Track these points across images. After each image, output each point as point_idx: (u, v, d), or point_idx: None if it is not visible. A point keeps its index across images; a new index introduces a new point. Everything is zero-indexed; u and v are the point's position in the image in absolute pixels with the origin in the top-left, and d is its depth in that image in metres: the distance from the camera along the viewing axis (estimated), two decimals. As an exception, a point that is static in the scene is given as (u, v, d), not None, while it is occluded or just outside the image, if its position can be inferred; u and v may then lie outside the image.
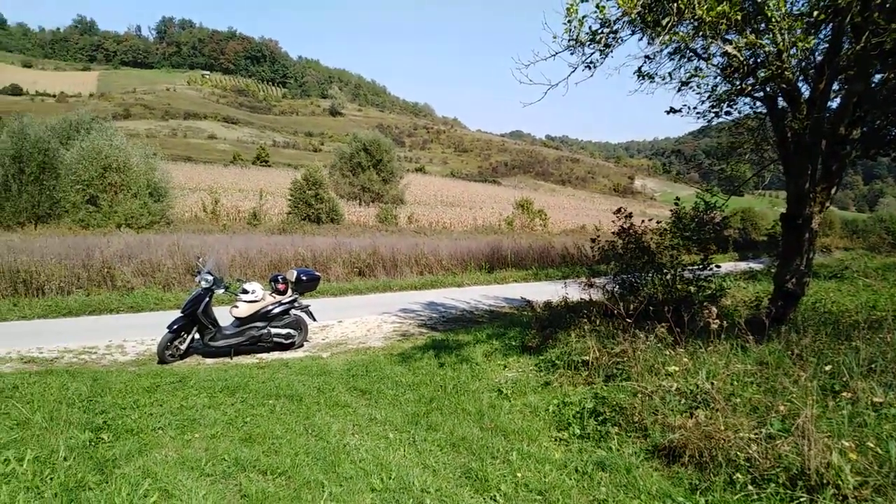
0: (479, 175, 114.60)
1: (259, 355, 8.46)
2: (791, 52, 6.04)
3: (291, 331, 8.73)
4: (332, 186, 39.66)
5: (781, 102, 7.30)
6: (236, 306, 8.41)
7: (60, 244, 14.09)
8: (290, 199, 34.59)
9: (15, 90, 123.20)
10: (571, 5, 5.70)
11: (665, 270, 8.05)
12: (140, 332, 9.31)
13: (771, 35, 5.99)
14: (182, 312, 7.91)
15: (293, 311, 8.84)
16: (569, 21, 5.81)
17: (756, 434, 4.05)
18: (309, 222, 31.95)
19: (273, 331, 8.54)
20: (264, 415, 5.32)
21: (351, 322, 10.93)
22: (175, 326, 7.80)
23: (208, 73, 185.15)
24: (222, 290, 8.26)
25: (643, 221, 9.14)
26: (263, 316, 8.50)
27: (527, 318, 9.73)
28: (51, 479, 3.66)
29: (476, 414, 5.52)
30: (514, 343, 8.05)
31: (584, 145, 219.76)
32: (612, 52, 6.61)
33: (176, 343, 7.88)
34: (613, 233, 8.67)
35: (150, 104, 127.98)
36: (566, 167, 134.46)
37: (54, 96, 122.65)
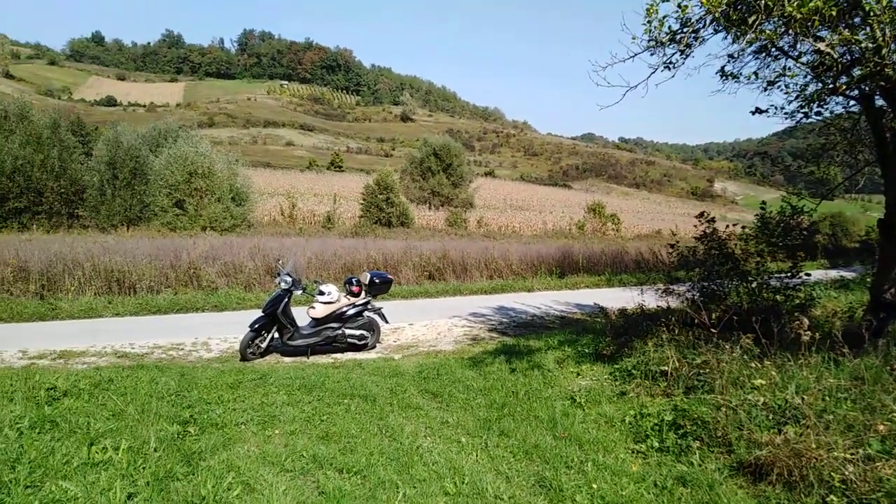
0: (550, 179, 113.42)
1: (334, 355, 8.68)
2: (892, 48, 5.63)
3: (365, 332, 8.91)
4: (402, 191, 40.25)
5: (879, 101, 6.83)
6: (313, 307, 8.66)
7: (150, 245, 14.95)
8: (362, 204, 35.35)
9: (110, 101, 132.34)
10: (652, 5, 5.56)
11: (750, 278, 7.68)
12: (223, 330, 9.75)
13: (869, 30, 5.61)
14: (263, 312, 8.22)
15: (366, 313, 9.02)
16: (649, 21, 5.67)
17: (852, 454, 3.79)
18: (380, 226, 32.54)
19: (347, 332, 8.74)
20: (340, 414, 5.45)
21: (422, 325, 11.03)
22: (256, 325, 8.12)
23: (286, 82, 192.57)
24: (300, 292, 8.53)
25: (727, 226, 8.76)
26: (338, 317, 8.71)
27: (600, 325, 9.53)
28: (143, 468, 3.88)
29: (549, 422, 5.44)
30: (587, 350, 7.89)
31: (659, 147, 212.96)
32: (693, 52, 6.38)
33: (257, 341, 8.21)
34: (694, 238, 8.35)
35: (233, 113, 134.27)
36: (640, 170, 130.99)
37: (145, 106, 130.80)
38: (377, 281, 9.07)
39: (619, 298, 11.45)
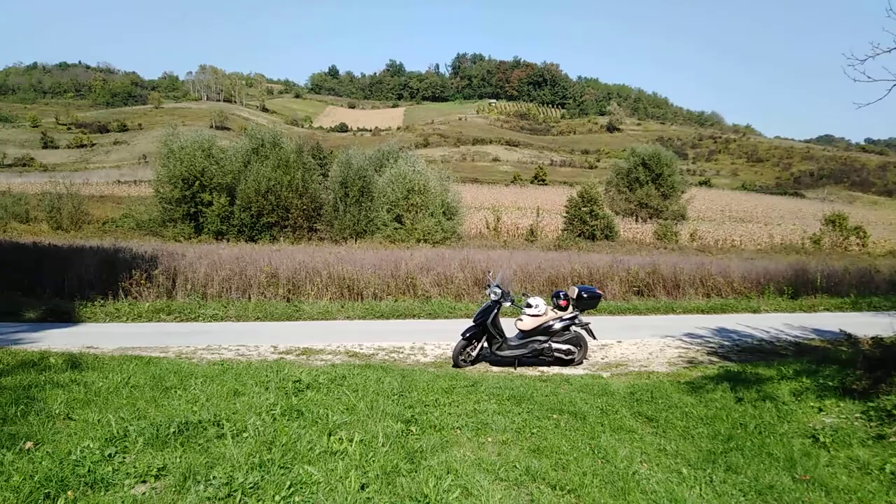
0: (777, 187, 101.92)
1: (540, 368, 8.68)
2: None
3: (572, 347, 8.77)
4: (607, 203, 39.19)
5: None
6: (520, 319, 8.77)
7: (374, 256, 16.42)
8: (565, 216, 35.09)
9: (342, 127, 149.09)
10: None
11: None
12: (437, 337, 10.31)
13: None
14: (473, 322, 8.52)
15: (574, 328, 8.87)
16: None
17: None
18: (583, 239, 31.97)
19: (554, 346, 8.68)
20: (550, 428, 5.41)
21: (631, 343, 10.55)
22: (468, 334, 8.45)
23: (494, 101, 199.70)
24: (509, 304, 8.68)
25: None
26: (545, 330, 8.70)
27: (846, 355, 8.22)
28: (373, 460, 4.23)
29: (786, 461, 4.82)
30: (830, 383, 6.85)
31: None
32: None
33: (468, 350, 8.54)
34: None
35: (445, 133, 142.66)
36: (893, 175, 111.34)
37: (371, 131, 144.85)
38: (585, 295, 8.89)
39: (869, 324, 9.84)
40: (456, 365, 8.42)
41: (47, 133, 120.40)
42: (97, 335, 9.91)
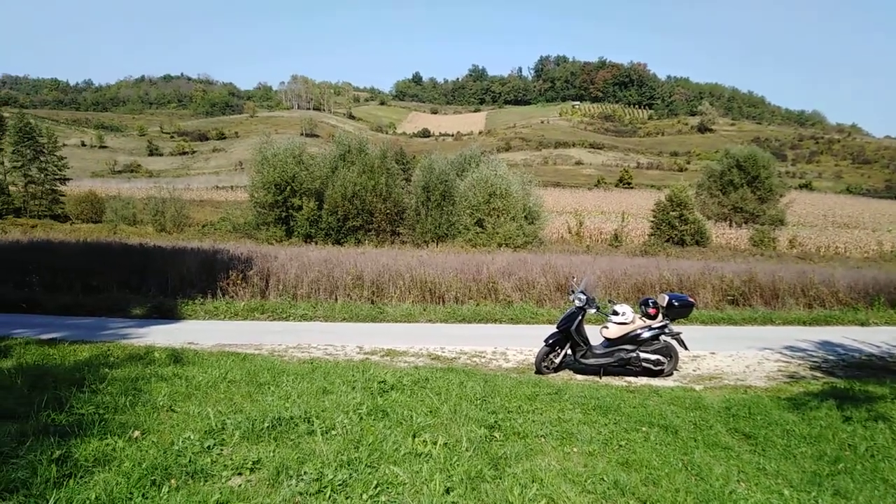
0: (888, 191, 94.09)
1: (627, 378, 8.40)
2: None
3: (661, 357, 8.44)
4: (697, 207, 37.60)
5: None
6: (606, 327, 8.53)
7: (456, 260, 16.48)
8: (652, 221, 33.97)
9: (425, 133, 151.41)
10: None
11: None
12: (519, 342, 10.21)
13: None
14: (557, 328, 8.38)
15: (663, 337, 8.53)
16: None
17: None
18: (672, 244, 30.84)
19: (642, 355, 8.38)
20: (639, 441, 5.21)
21: (725, 355, 10.02)
22: (551, 341, 8.32)
23: (578, 103, 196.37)
24: (594, 311, 8.47)
25: None
26: (633, 339, 8.42)
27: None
28: (457, 464, 4.21)
29: (905, 489, 4.41)
30: (957, 406, 6.23)
31: None
32: None
33: (551, 356, 8.40)
34: None
35: (527, 136, 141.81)
36: None
37: (453, 136, 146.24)
38: (676, 304, 8.53)
39: None
40: (539, 371, 8.30)
41: (153, 141, 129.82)
42: (197, 332, 10.52)
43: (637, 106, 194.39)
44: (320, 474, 3.75)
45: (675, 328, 8.77)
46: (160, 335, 10.00)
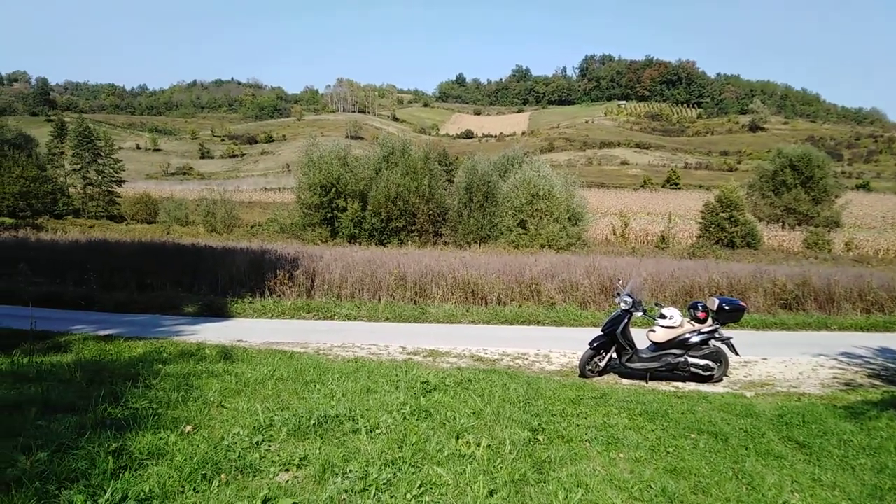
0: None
1: (675, 383, 8.22)
2: None
3: (710, 362, 8.22)
4: (748, 208, 36.50)
5: None
6: (653, 331, 8.36)
7: (498, 261, 16.41)
8: (700, 222, 33.18)
9: (468, 134, 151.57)
10: None
11: None
12: (562, 345, 10.11)
13: None
14: (602, 331, 8.26)
15: (712, 342, 8.31)
16: None
17: None
18: (721, 247, 30.02)
19: (690, 360, 8.18)
20: (687, 448, 5.09)
21: (778, 361, 9.69)
22: (595, 344, 8.20)
23: (624, 102, 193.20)
24: (640, 314, 8.32)
25: None
26: (681, 343, 8.23)
27: None
28: (500, 467, 4.19)
29: (977, 507, 4.17)
30: None
31: None
32: None
33: (595, 360, 8.28)
34: None
35: (571, 137, 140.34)
36: None
37: (495, 136, 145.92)
38: (727, 308, 8.30)
39: None
40: (583, 375, 8.19)
41: (204, 144, 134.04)
42: (246, 330, 10.79)
43: (685, 105, 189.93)
44: (365, 473, 3.79)
45: (726, 332, 8.54)
46: (211, 332, 10.30)
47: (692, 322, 8.41)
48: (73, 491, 3.15)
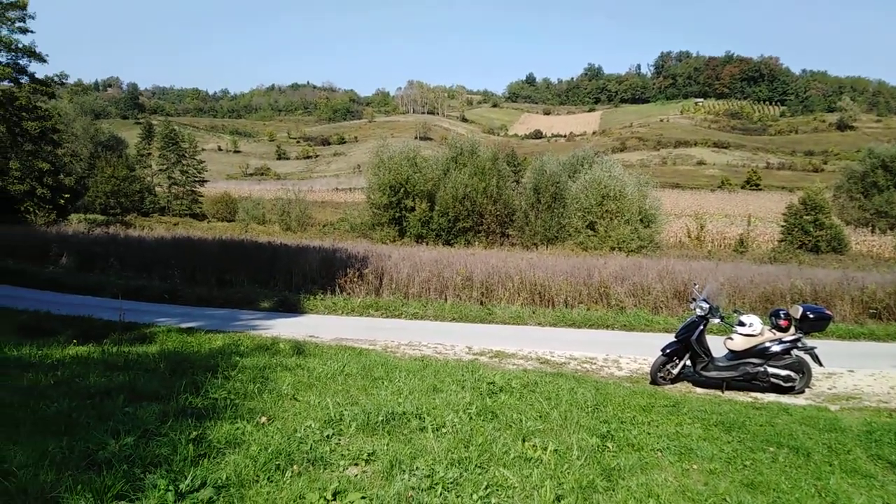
0: None
1: (753, 394, 7.85)
2: None
3: (792, 373, 7.80)
4: (835, 211, 34.45)
5: None
6: (731, 338, 8.03)
7: (566, 263, 16.19)
8: (782, 226, 31.60)
9: (536, 134, 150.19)
10: None
11: None
12: (632, 350, 9.86)
13: None
14: (675, 338, 8.00)
15: (795, 352, 7.89)
16: None
17: None
18: (804, 251, 28.45)
19: (770, 370, 7.79)
20: (766, 462, 4.85)
21: (866, 373, 9.08)
22: (668, 350, 7.95)
23: (701, 100, 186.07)
24: (717, 320, 8.01)
25: None
26: (760, 352, 7.85)
27: None
28: (568, 472, 4.13)
29: None
30: None
31: None
32: None
33: (668, 367, 8.02)
34: None
35: (644, 136, 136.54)
36: None
37: (565, 136, 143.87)
38: (811, 316, 7.86)
39: None
40: (654, 382, 7.96)
41: (281, 146, 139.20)
42: (317, 325, 11.12)
43: (768, 102, 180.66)
44: (432, 471, 3.82)
45: (809, 342, 8.09)
46: (284, 327, 10.68)
47: (773, 330, 8.01)
48: (157, 475, 3.33)
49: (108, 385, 5.33)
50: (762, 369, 7.77)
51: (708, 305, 7.90)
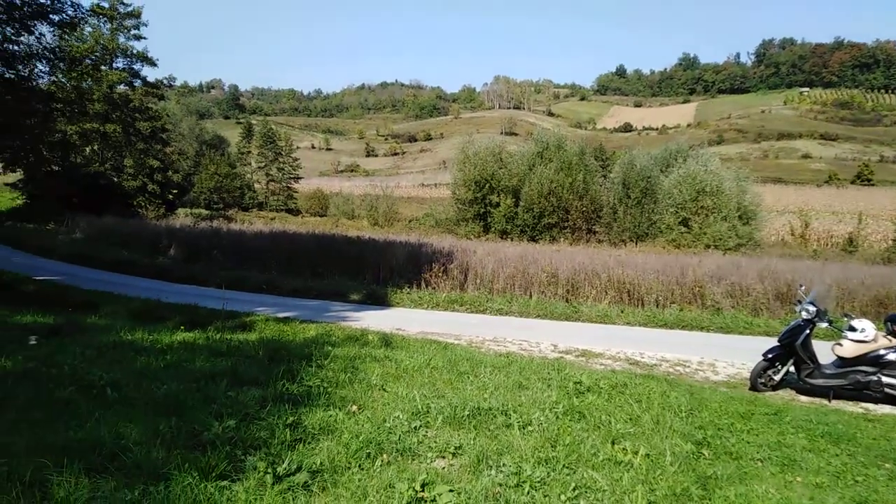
0: None
1: (864, 404, 7.26)
2: None
3: (910, 384, 7.15)
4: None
5: None
6: (840, 344, 7.45)
7: (657, 261, 15.60)
8: (902, 224, 28.93)
9: (626, 128, 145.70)
10: None
11: None
12: (730, 354, 9.37)
13: None
14: (778, 342, 7.54)
15: (914, 361, 7.22)
16: None
17: None
18: (928, 252, 25.96)
19: (885, 380, 7.17)
20: (880, 479, 4.47)
21: None
22: (770, 355, 7.50)
23: (807, 89, 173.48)
24: (825, 324, 7.47)
25: None
26: (873, 360, 7.24)
27: None
28: (660, 479, 3.98)
29: None
30: None
31: None
32: None
33: (769, 372, 7.57)
34: None
35: (744, 128, 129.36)
36: None
37: (657, 129, 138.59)
38: (934, 323, 7.17)
39: None
40: (754, 388, 7.52)
41: (369, 143, 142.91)
42: (403, 318, 11.34)
43: (884, 91, 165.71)
44: (519, 468, 3.80)
45: (933, 352, 7.37)
46: (372, 319, 10.97)
47: (888, 337, 7.36)
48: (256, 458, 3.51)
49: (212, 370, 5.68)
50: (875, 378, 7.16)
51: (815, 308, 7.38)
